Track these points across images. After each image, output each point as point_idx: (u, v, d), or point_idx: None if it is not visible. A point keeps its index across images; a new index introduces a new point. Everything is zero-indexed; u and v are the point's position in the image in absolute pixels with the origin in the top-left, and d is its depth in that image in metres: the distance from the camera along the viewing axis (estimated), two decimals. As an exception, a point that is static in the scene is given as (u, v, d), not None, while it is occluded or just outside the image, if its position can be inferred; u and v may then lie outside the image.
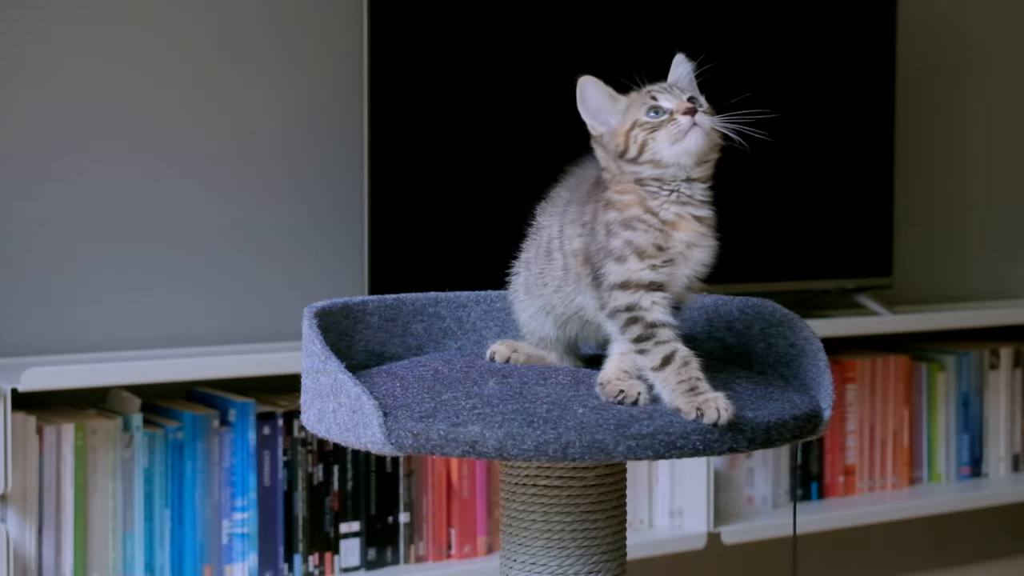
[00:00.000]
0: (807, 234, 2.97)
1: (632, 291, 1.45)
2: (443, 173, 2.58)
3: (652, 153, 1.49)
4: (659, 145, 1.48)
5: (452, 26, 2.58)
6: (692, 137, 1.48)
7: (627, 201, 1.48)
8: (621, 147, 1.50)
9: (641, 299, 1.45)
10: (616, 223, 1.47)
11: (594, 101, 1.53)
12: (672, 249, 1.47)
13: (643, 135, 1.49)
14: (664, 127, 1.48)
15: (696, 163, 1.50)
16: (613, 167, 1.51)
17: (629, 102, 1.52)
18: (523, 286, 1.60)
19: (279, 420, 2.39)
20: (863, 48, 3.01)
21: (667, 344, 1.44)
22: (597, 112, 1.53)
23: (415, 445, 1.41)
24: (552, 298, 1.56)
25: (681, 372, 1.42)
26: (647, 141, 1.49)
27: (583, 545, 1.56)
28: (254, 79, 2.60)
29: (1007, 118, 3.46)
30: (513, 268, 1.63)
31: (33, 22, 2.42)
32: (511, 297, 1.63)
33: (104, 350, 2.47)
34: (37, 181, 2.44)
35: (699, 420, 1.39)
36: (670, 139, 1.48)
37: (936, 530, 3.26)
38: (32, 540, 2.21)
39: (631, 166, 1.50)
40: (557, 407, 1.42)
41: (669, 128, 1.48)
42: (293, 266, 2.64)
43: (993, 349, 3.16)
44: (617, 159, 1.51)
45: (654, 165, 1.49)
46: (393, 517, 2.48)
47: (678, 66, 1.57)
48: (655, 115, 1.49)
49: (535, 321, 1.59)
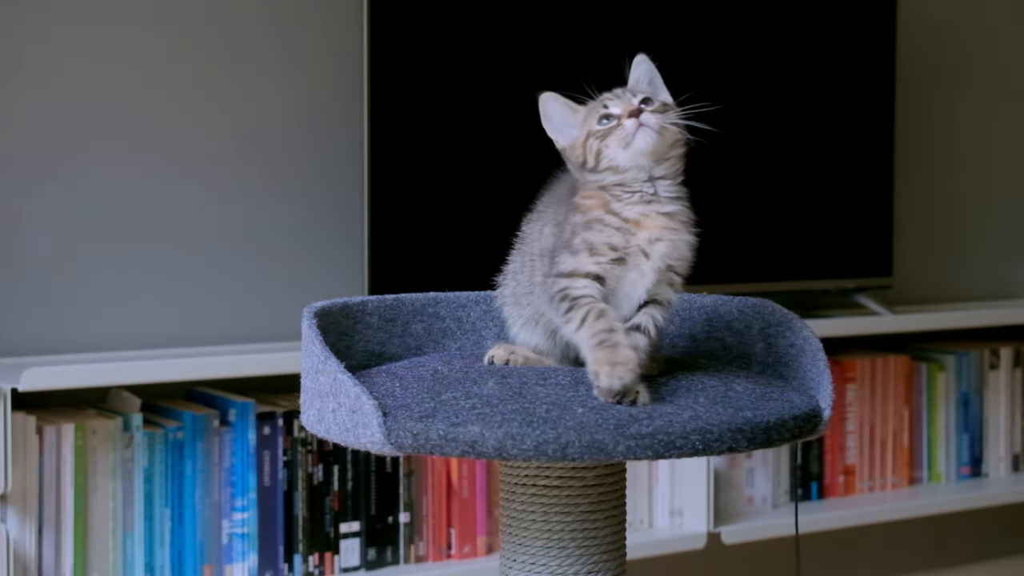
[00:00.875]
0: (807, 234, 2.97)
1: (573, 278, 1.48)
2: (443, 173, 2.58)
3: (608, 160, 1.51)
4: (612, 151, 1.50)
5: (452, 26, 2.58)
6: (640, 137, 1.49)
7: (590, 205, 1.51)
8: (580, 158, 1.53)
9: (575, 282, 1.48)
10: (579, 225, 1.50)
11: (557, 116, 1.56)
12: (630, 247, 1.48)
13: (596, 144, 1.51)
14: (613, 133, 1.50)
15: (655, 161, 1.51)
16: (579, 177, 1.54)
17: (586, 112, 1.54)
18: (511, 297, 1.61)
19: (279, 420, 2.39)
20: (863, 48, 3.02)
21: (585, 307, 1.45)
22: (562, 127, 1.56)
23: (415, 445, 1.41)
24: (540, 307, 1.56)
25: (594, 325, 1.44)
26: (601, 149, 1.51)
27: (583, 545, 1.56)
28: (254, 79, 2.60)
29: (1007, 118, 3.46)
30: (500, 279, 1.64)
31: (33, 22, 2.43)
32: (502, 310, 1.63)
33: (104, 350, 2.47)
34: (37, 181, 2.44)
35: (596, 383, 1.42)
36: (620, 144, 1.50)
37: (936, 530, 3.26)
38: (32, 540, 2.21)
39: (593, 175, 1.52)
40: (557, 407, 1.42)
41: (617, 133, 1.50)
42: (293, 266, 2.64)
43: (993, 349, 3.16)
44: (580, 170, 1.53)
45: (613, 172, 1.51)
46: (393, 517, 2.48)
47: (638, 67, 1.58)
48: (606, 122, 1.51)
49: (525, 332, 1.60)
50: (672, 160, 1.53)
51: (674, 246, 1.51)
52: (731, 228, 2.87)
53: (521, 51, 2.65)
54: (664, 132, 1.50)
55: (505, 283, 1.63)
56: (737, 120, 2.87)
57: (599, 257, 1.48)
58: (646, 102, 1.51)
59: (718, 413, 1.44)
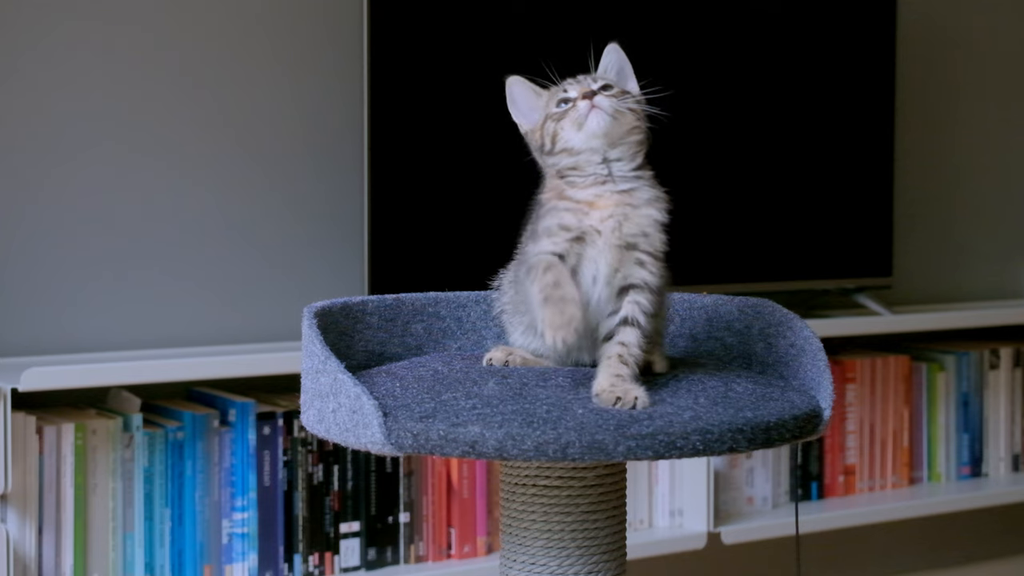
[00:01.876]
0: (807, 234, 2.97)
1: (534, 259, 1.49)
2: (443, 173, 2.58)
3: (564, 142, 1.52)
4: (567, 133, 1.52)
5: (452, 26, 2.58)
6: (593, 119, 1.50)
7: (548, 197, 1.53)
8: (538, 141, 1.55)
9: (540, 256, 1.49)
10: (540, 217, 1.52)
11: (521, 100, 1.59)
12: (584, 226, 1.49)
13: (553, 126, 1.53)
14: (567, 115, 1.51)
15: (609, 145, 1.51)
16: (541, 163, 1.56)
17: (548, 96, 1.55)
18: (510, 305, 1.62)
19: (279, 420, 2.39)
20: (863, 48, 3.01)
21: (539, 266, 1.47)
22: (527, 111, 1.58)
23: (415, 445, 1.41)
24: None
25: (542, 279, 1.45)
26: (557, 131, 1.52)
27: (583, 545, 1.56)
28: (254, 79, 2.60)
29: (1006, 119, 3.46)
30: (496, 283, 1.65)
31: (33, 22, 2.42)
32: (500, 318, 1.64)
33: (104, 350, 2.47)
34: (37, 181, 2.44)
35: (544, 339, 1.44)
36: (574, 126, 1.51)
37: (936, 530, 3.26)
38: (32, 540, 2.21)
39: (550, 158, 1.54)
40: (557, 407, 1.42)
41: (571, 115, 1.51)
42: (293, 266, 2.64)
43: (993, 349, 3.16)
44: (540, 154, 1.55)
45: (568, 154, 1.52)
46: (393, 517, 2.48)
47: (608, 55, 1.59)
48: (564, 106, 1.52)
49: (525, 338, 1.61)
50: (629, 144, 1.52)
51: (629, 221, 1.50)
52: (731, 228, 2.87)
53: (521, 51, 2.64)
54: (620, 116, 1.51)
55: (504, 291, 1.63)
56: (737, 120, 2.87)
57: (555, 238, 1.49)
58: (606, 88, 1.52)
59: (718, 413, 1.44)
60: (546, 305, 1.43)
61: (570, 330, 1.42)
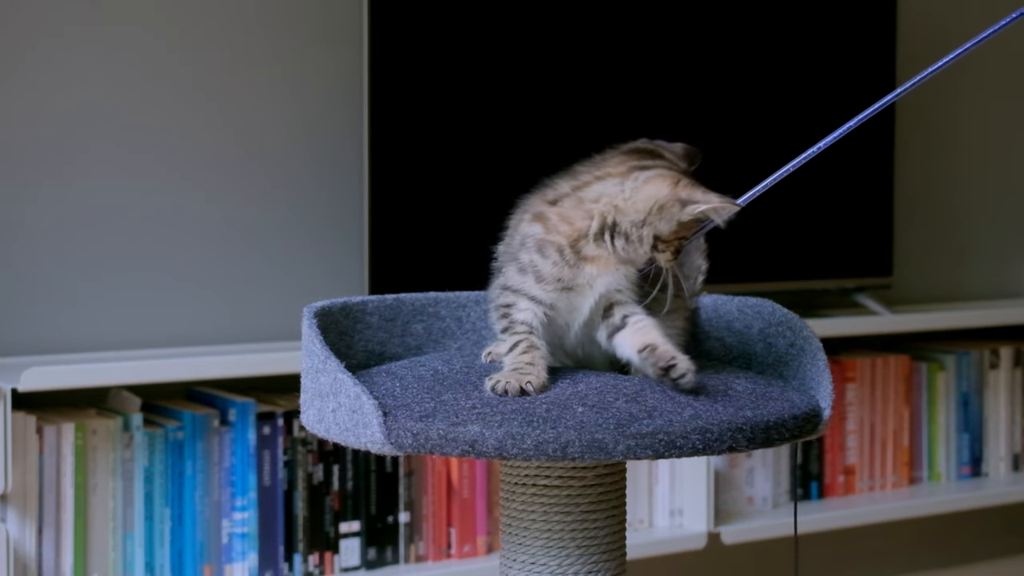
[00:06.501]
0: (807, 234, 2.97)
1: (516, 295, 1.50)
2: (443, 173, 2.58)
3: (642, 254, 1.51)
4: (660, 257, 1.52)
5: (453, 26, 2.58)
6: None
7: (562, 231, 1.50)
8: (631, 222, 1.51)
9: (519, 302, 1.50)
10: (533, 238, 1.51)
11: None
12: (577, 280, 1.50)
13: (649, 244, 1.51)
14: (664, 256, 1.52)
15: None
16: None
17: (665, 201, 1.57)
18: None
19: (279, 420, 2.39)
20: (863, 48, 3.02)
21: (519, 335, 1.49)
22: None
23: (415, 445, 1.41)
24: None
25: (518, 358, 1.48)
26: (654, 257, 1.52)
27: (583, 545, 1.56)
28: (254, 79, 2.60)
29: (1007, 118, 3.46)
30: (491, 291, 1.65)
31: (33, 22, 2.43)
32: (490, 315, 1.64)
33: (104, 350, 2.47)
34: (37, 181, 2.44)
35: (495, 392, 1.45)
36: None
37: (936, 530, 3.26)
38: (32, 540, 2.21)
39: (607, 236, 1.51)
40: (556, 406, 1.42)
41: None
42: (293, 266, 2.64)
43: (993, 349, 3.16)
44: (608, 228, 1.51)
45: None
46: (393, 517, 2.48)
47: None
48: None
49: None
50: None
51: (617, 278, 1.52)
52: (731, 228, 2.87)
53: (522, 51, 2.65)
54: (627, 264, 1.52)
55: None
56: (737, 119, 2.88)
57: (545, 285, 1.50)
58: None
59: (718, 413, 1.44)
60: (512, 372, 1.47)
61: (526, 380, 1.46)
